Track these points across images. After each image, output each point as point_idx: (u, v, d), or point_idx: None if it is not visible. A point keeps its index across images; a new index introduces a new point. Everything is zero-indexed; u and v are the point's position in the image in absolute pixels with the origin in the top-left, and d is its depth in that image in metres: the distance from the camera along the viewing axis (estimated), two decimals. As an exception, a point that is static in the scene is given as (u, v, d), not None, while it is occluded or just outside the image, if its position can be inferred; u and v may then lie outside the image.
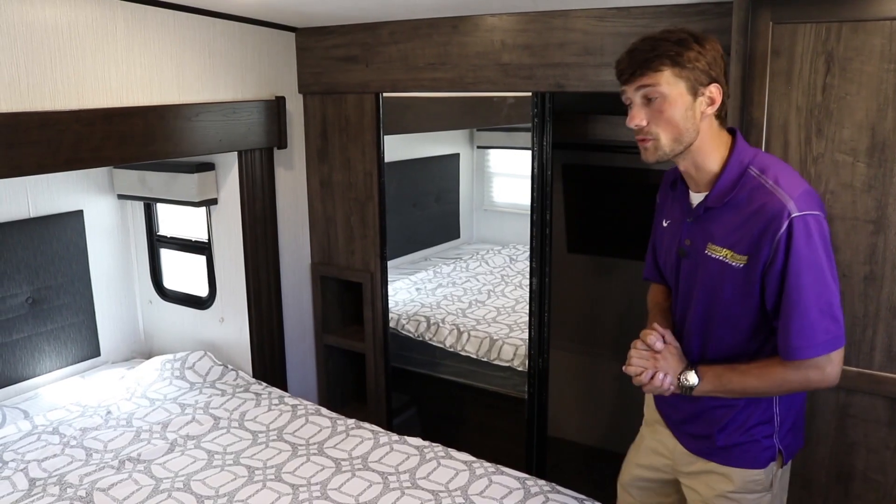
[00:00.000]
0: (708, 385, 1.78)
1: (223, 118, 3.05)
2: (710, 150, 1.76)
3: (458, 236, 4.97)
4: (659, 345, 1.84)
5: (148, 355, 3.73)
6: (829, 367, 1.69)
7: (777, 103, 2.12)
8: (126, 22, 2.71)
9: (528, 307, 4.12)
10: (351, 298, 3.73)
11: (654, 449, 2.08)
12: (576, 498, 2.39)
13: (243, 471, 2.57)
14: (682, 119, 1.70)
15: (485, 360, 3.74)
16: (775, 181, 1.68)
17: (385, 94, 3.31)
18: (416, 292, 4.36)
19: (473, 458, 2.62)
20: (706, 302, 1.82)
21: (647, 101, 1.71)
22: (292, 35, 3.43)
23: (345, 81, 3.35)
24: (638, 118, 1.72)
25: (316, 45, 3.39)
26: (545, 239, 3.11)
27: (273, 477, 2.53)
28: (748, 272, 1.70)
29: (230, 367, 3.37)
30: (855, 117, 2.03)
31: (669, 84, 1.68)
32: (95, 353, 3.53)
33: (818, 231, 1.64)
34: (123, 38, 2.71)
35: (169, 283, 3.74)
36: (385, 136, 3.39)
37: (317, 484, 2.48)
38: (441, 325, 3.94)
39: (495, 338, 3.77)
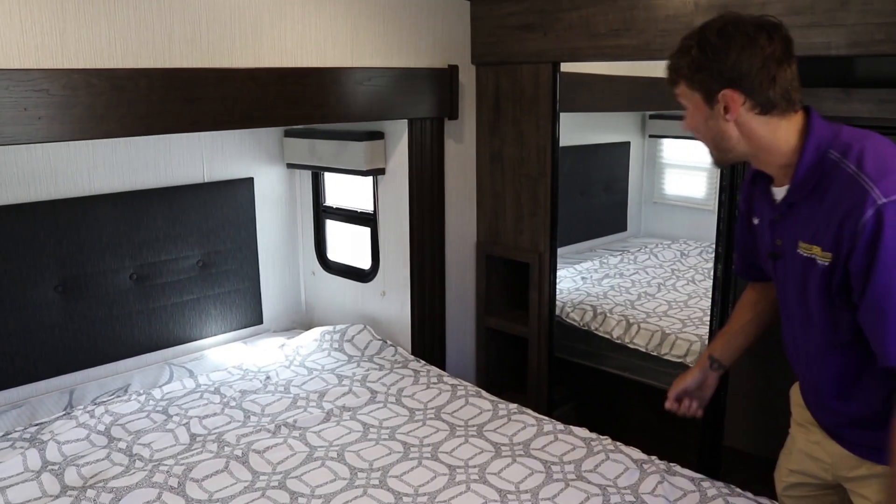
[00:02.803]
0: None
1: (395, 84, 2.97)
2: (773, 147, 1.59)
3: (624, 229, 4.76)
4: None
5: (308, 326, 3.72)
6: None
7: None
8: (304, -18, 2.69)
9: (701, 303, 3.84)
10: (516, 281, 3.57)
11: (808, 452, 1.86)
12: (758, 502, 2.15)
13: (398, 446, 2.45)
14: (707, 130, 1.62)
15: (654, 354, 3.50)
16: (858, 165, 1.48)
17: (560, 69, 3.12)
18: (582, 281, 4.17)
19: (644, 456, 2.40)
20: (801, 303, 1.68)
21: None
22: (467, 4, 3.31)
23: (520, 51, 3.18)
24: (685, 124, 1.67)
25: (491, 13, 3.25)
26: (734, 223, 2.82)
27: (429, 455, 2.40)
28: (833, 270, 1.53)
29: (389, 342, 3.28)
30: None
31: (686, 96, 1.62)
32: (258, 320, 3.55)
33: None
34: (300, -1, 2.68)
35: (332, 254, 3.72)
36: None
37: (475, 467, 2.33)
38: (609, 315, 3.73)
39: (667, 332, 3.52)
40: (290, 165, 3.55)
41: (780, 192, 1.66)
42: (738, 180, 2.84)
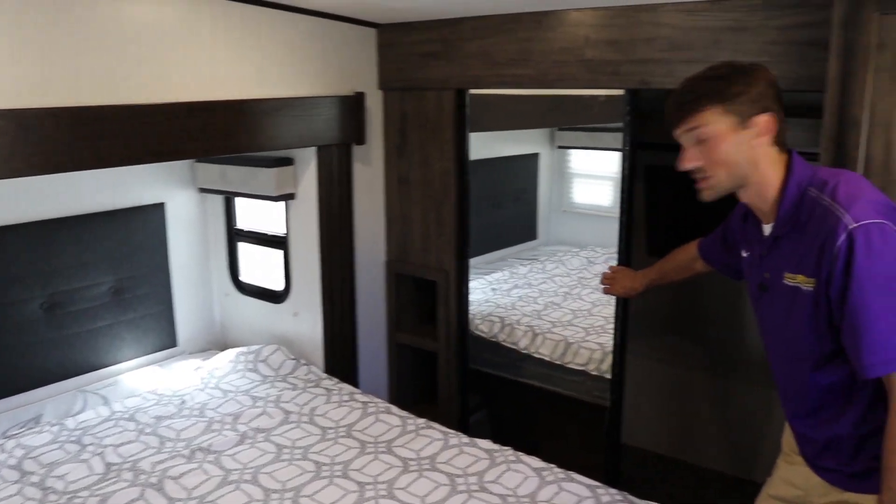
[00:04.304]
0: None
1: (303, 113, 3.05)
2: (770, 179, 1.72)
3: (535, 237, 4.92)
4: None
5: (223, 347, 3.78)
6: None
7: (880, 101, 1.97)
8: (211, 18, 2.74)
9: (605, 310, 4.04)
10: (425, 297, 3.70)
11: (786, 479, 1.98)
12: (648, 509, 2.31)
13: (311, 466, 2.55)
14: (734, 154, 1.69)
15: (559, 363, 3.67)
16: (832, 197, 1.62)
17: (471, 92, 3.27)
18: (492, 293, 4.32)
19: (544, 465, 2.55)
20: (785, 331, 1.79)
21: (698, 141, 1.70)
22: (373, 31, 3.41)
23: (425, 77, 3.32)
24: (690, 160, 1.73)
25: (397, 40, 3.37)
26: (631, 240, 3.03)
27: (340, 473, 2.50)
28: (817, 295, 1.64)
29: (302, 361, 3.37)
30: (968, 116, 1.88)
31: (715, 122, 1.67)
32: (173, 343, 3.59)
33: (881, 240, 1.54)
34: (208, 34, 2.74)
35: (245, 276, 3.78)
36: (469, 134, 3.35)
37: (383, 483, 2.45)
38: (515, 326, 3.89)
39: (571, 341, 3.70)
40: (202, 190, 3.60)
41: (768, 229, 1.79)
42: (636, 190, 3.07)
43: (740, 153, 1.69)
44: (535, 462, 2.57)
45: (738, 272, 2.07)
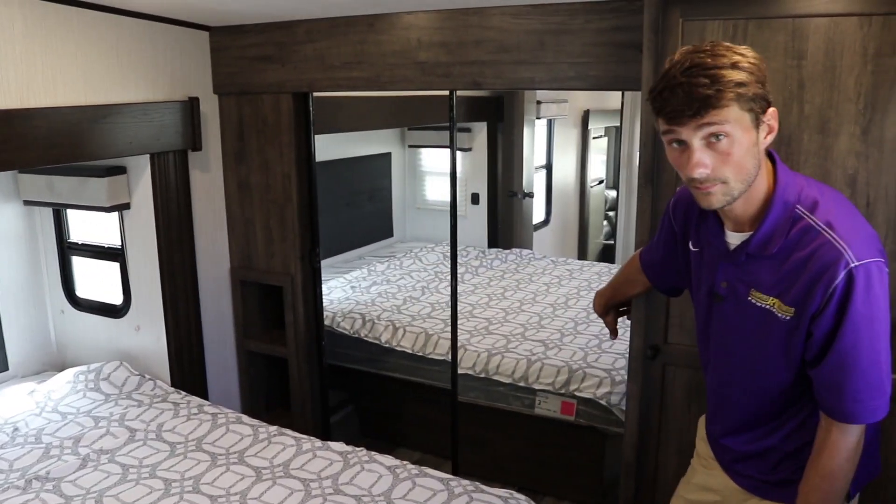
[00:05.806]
0: None
1: (134, 120, 2.94)
2: (760, 185, 1.51)
3: (391, 235, 4.99)
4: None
5: (61, 367, 3.58)
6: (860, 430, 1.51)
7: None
8: (25, 19, 2.59)
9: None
10: (273, 303, 3.65)
11: (703, 485, 1.90)
12: (500, 497, 2.38)
13: (159, 484, 2.48)
14: (749, 157, 1.44)
15: (420, 354, 3.78)
16: (828, 224, 1.45)
17: (316, 94, 3.26)
18: (351, 290, 4.37)
19: (397, 462, 2.59)
20: (748, 353, 1.64)
21: (712, 141, 1.43)
22: (206, 34, 3.34)
23: (260, 81, 3.28)
24: (704, 165, 1.43)
25: (230, 44, 3.31)
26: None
27: (191, 489, 2.45)
28: (795, 324, 1.51)
29: (147, 376, 3.24)
30: (761, 112, 2.06)
31: (736, 121, 1.40)
32: (3, 367, 3.39)
33: (879, 280, 1.44)
34: (22, 36, 2.59)
35: (82, 291, 3.60)
36: (316, 136, 3.34)
37: (236, 494, 2.41)
38: (377, 321, 3.96)
39: (430, 333, 3.81)
40: (28, 202, 3.39)
41: (735, 237, 1.59)
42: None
43: (753, 157, 1.45)
44: (389, 460, 2.61)
45: (681, 277, 1.88)
